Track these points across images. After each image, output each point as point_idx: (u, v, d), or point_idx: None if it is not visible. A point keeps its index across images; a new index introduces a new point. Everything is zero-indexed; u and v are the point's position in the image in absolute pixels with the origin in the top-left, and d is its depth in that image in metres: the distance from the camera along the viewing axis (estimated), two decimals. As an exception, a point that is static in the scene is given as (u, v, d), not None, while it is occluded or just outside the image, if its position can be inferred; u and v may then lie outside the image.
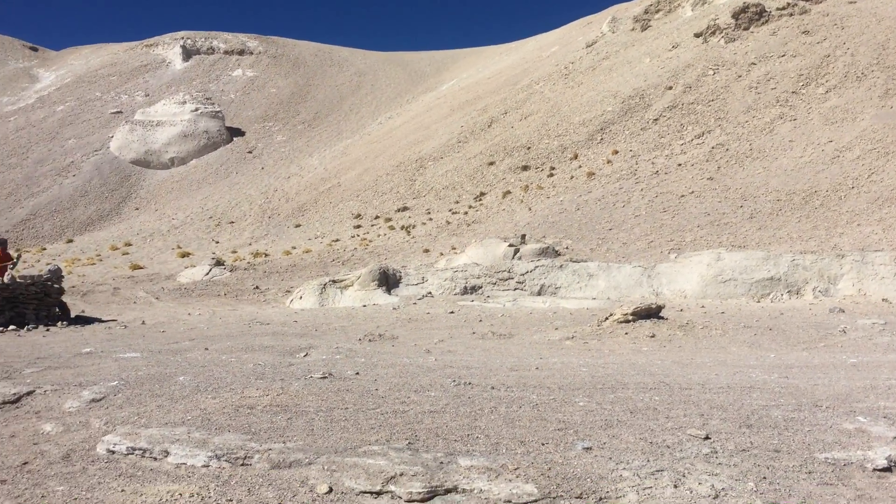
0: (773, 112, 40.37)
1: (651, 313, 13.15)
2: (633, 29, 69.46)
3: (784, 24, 51.65)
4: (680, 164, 36.72)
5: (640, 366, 8.66)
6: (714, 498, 3.93)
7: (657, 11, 68.85)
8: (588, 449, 4.73)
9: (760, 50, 48.76)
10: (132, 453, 4.79)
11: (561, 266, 20.81)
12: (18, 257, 18.21)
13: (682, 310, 16.08)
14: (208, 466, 4.51)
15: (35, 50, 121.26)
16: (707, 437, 4.99)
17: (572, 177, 41.72)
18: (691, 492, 4.00)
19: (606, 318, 13.10)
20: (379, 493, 4.06)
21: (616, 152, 42.82)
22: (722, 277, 18.87)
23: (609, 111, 49.35)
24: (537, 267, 20.87)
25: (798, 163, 32.74)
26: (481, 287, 20.88)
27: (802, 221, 25.39)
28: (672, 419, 5.58)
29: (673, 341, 11.52)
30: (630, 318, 12.79)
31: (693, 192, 31.73)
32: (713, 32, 54.27)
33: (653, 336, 11.83)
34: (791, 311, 15.86)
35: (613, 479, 4.17)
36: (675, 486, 4.06)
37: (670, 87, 48.37)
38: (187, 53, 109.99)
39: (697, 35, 55.71)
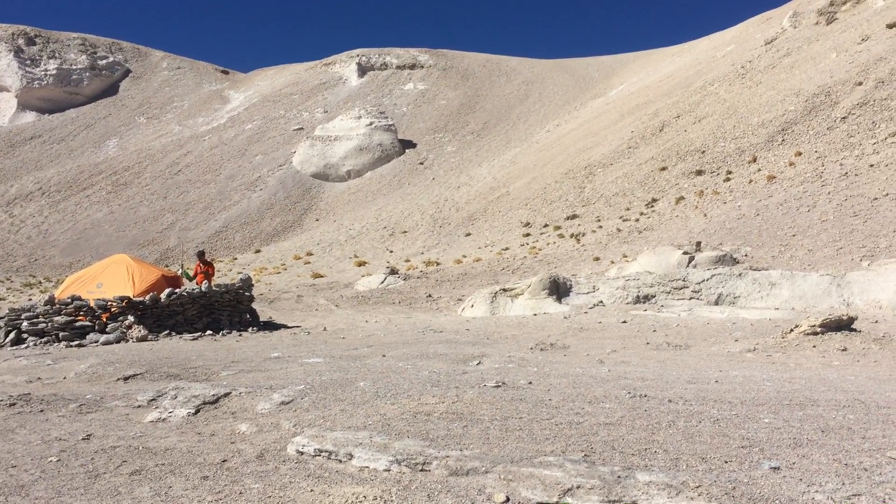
0: (982, 105, 36.66)
1: (842, 325, 12.28)
2: (816, 23, 65.36)
3: None
4: (872, 165, 34.05)
5: (830, 381, 8.12)
6: (921, 528, 3.62)
7: (844, 3, 64.38)
8: (776, 469, 4.50)
9: (966, 37, 44.47)
10: (319, 455, 5.05)
11: (740, 274, 19.88)
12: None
13: (877, 321, 14.91)
14: (389, 471, 4.68)
15: (226, 73, 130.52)
16: (911, 462, 4.61)
17: (751, 181, 39.78)
18: (894, 520, 3.71)
19: (791, 330, 12.36)
20: (556, 505, 4.05)
21: (799, 154, 40.40)
22: (923, 287, 17.30)
23: (791, 111, 46.68)
24: (714, 275, 20.06)
25: None
26: (654, 296, 20.33)
27: None
28: (869, 440, 5.20)
29: (868, 356, 10.70)
30: (818, 329, 11.99)
31: (888, 194, 29.33)
32: (909, 21, 50.06)
33: (844, 350, 11.05)
34: None
35: (805, 502, 3.94)
36: (876, 514, 3.78)
37: (860, 83, 45.04)
38: (362, 70, 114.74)
39: (891, 26, 51.52)
